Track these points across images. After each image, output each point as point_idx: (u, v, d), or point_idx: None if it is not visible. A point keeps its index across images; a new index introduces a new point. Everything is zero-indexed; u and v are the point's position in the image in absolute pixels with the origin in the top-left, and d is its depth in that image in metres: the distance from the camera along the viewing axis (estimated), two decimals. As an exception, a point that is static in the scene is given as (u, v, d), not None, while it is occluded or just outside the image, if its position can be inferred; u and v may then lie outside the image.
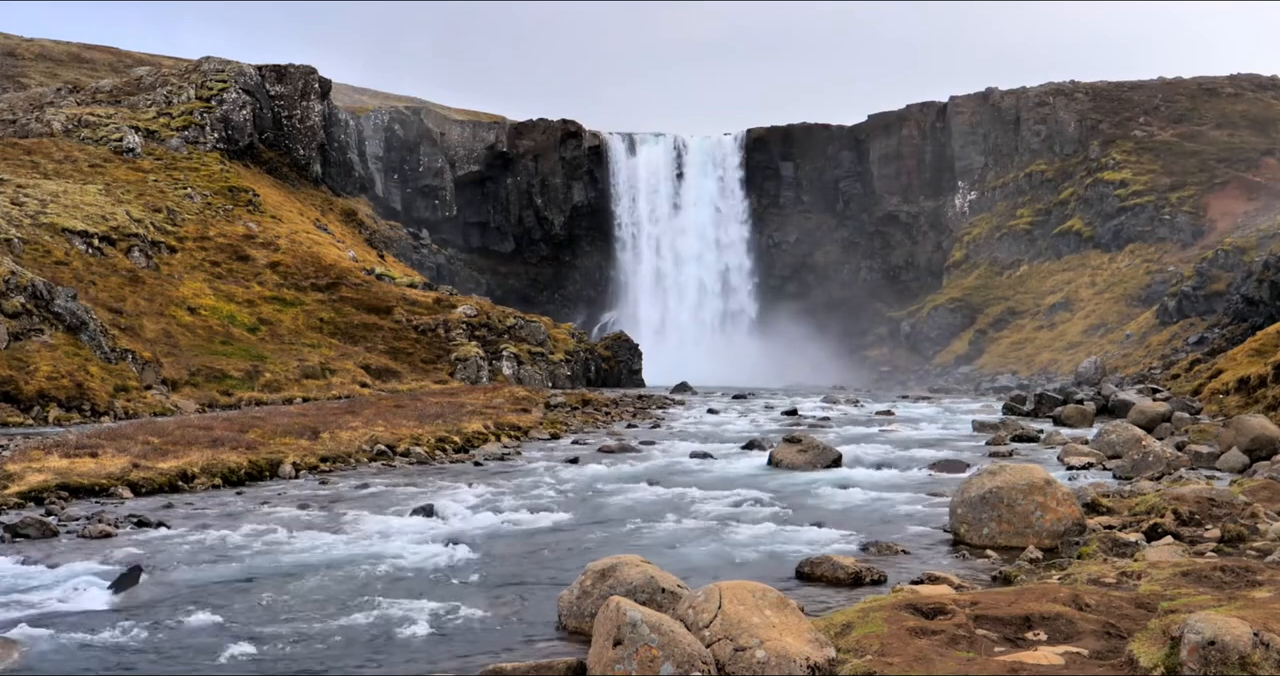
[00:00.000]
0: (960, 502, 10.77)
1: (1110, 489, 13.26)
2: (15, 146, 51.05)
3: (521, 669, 6.16)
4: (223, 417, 23.16)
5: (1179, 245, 65.26)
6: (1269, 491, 11.96)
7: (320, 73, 69.46)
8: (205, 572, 9.26)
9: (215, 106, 61.79)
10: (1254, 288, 46.54)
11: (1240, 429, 17.15)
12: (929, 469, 17.08)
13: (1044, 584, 7.70)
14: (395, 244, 70.65)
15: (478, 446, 21.21)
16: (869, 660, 5.73)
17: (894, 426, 27.32)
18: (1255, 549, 9.16)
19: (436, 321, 47.47)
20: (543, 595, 8.48)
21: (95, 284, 37.38)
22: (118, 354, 30.51)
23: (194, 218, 50.28)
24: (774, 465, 17.79)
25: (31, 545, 10.35)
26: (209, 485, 14.82)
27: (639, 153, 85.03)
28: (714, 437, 23.86)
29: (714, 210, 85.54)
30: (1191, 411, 26.70)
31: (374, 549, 10.28)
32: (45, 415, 25.48)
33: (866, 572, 8.88)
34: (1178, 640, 5.28)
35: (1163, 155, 71.90)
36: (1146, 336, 56.05)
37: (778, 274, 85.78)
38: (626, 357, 56.58)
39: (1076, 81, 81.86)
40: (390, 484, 15.34)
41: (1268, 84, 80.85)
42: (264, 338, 41.40)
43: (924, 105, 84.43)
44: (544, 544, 10.86)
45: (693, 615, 6.17)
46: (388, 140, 77.03)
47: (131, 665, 6.67)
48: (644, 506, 13.29)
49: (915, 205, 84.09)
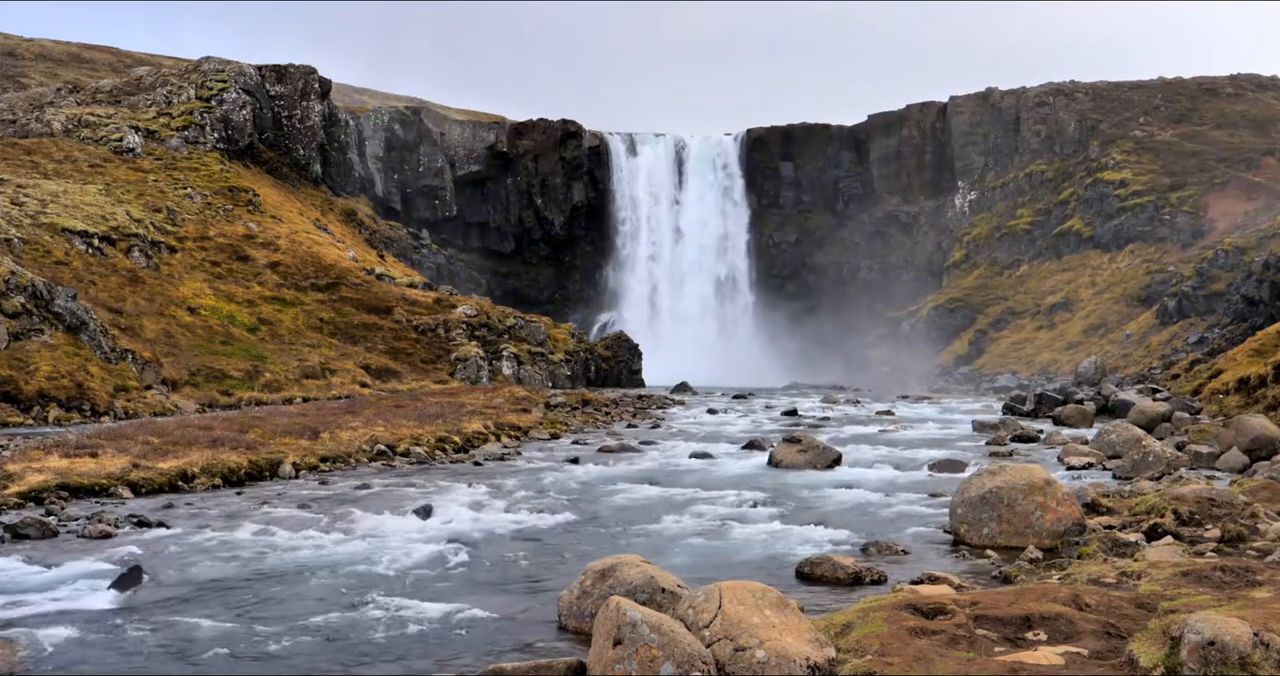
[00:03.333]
0: (960, 502, 10.77)
1: (1110, 489, 13.26)
2: (15, 146, 51.04)
3: (521, 669, 6.16)
4: (223, 417, 23.15)
5: (1179, 245, 65.23)
6: (1269, 491, 11.96)
7: (320, 73, 69.44)
8: (205, 572, 9.26)
9: (215, 106, 61.78)
10: (1254, 288, 46.55)
11: (1240, 429, 17.15)
12: (929, 469, 17.09)
13: (1044, 584, 7.70)
14: (395, 244, 70.60)
15: (478, 446, 21.21)
16: (869, 660, 5.73)
17: (894, 426, 27.31)
18: (1255, 549, 9.16)
19: (436, 321, 47.46)
20: (543, 595, 8.49)
21: (95, 284, 37.38)
22: (118, 354, 30.50)
23: (194, 218, 50.28)
24: (774, 465, 17.79)
25: (31, 545, 10.34)
26: (209, 485, 14.82)
27: (639, 153, 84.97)
28: (714, 437, 23.86)
29: (714, 210, 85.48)
30: (1191, 411, 26.70)
31: (374, 549, 10.28)
32: (45, 415, 25.48)
33: (866, 573, 8.88)
34: (1178, 640, 5.28)
35: (1163, 155, 71.88)
36: (1146, 336, 56.03)
37: (778, 274, 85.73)
38: (626, 358, 56.55)
39: (1076, 81, 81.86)
40: (390, 484, 15.34)
41: (1268, 84, 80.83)
42: (264, 338, 41.39)
43: (924, 105, 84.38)
44: (544, 544, 10.86)
45: (693, 615, 6.17)
46: (388, 140, 76.97)
47: (131, 665, 6.66)
48: (644, 506, 13.29)
49: (915, 205, 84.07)
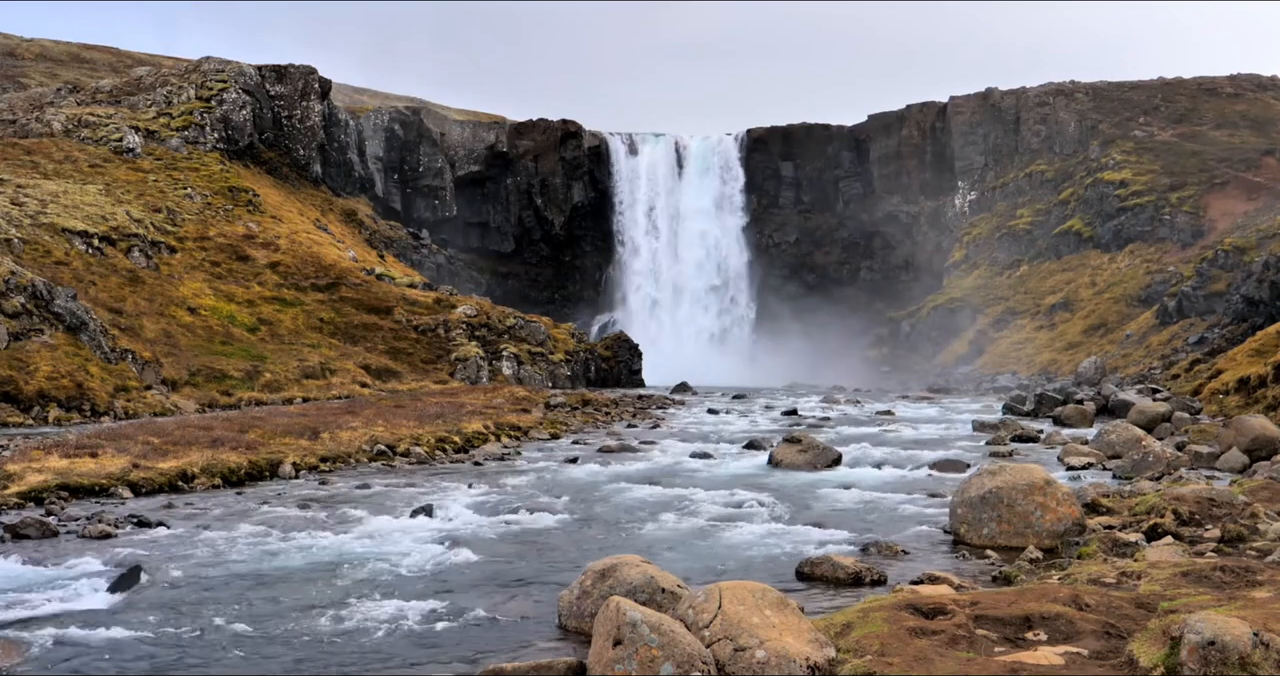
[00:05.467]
0: (960, 502, 10.77)
1: (1110, 489, 13.26)
2: (15, 146, 51.02)
3: (521, 669, 6.16)
4: (223, 417, 23.15)
5: (1179, 245, 65.20)
6: (1269, 491, 11.96)
7: (320, 73, 69.37)
8: (205, 572, 9.25)
9: (215, 106, 61.75)
10: (1254, 288, 46.54)
11: (1240, 429, 17.15)
12: (929, 469, 17.08)
13: (1044, 584, 7.70)
14: (395, 244, 70.60)
15: (478, 446, 21.21)
16: (869, 660, 5.73)
17: (894, 426, 27.31)
18: (1255, 549, 9.16)
19: (436, 321, 47.46)
20: (543, 595, 8.49)
21: (95, 284, 37.36)
22: (118, 354, 30.50)
23: (194, 218, 50.27)
24: (774, 465, 17.79)
25: (31, 545, 10.34)
26: (209, 485, 14.81)
27: (639, 153, 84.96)
28: (714, 437, 23.85)
29: (714, 210, 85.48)
30: (1191, 411, 26.71)
31: (374, 549, 10.28)
32: (45, 415, 25.47)
33: (866, 572, 8.88)
34: (1178, 640, 5.28)
35: (1163, 155, 71.85)
36: (1146, 336, 56.01)
37: (777, 274, 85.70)
38: (626, 358, 56.53)
39: (1076, 81, 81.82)
40: (390, 484, 15.34)
41: (1268, 84, 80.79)
42: (264, 338, 41.39)
43: (924, 105, 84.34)
44: (544, 544, 10.86)
45: (693, 615, 6.17)
46: (388, 140, 76.96)
47: (131, 665, 6.66)
48: (644, 506, 13.29)
49: (915, 205, 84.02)
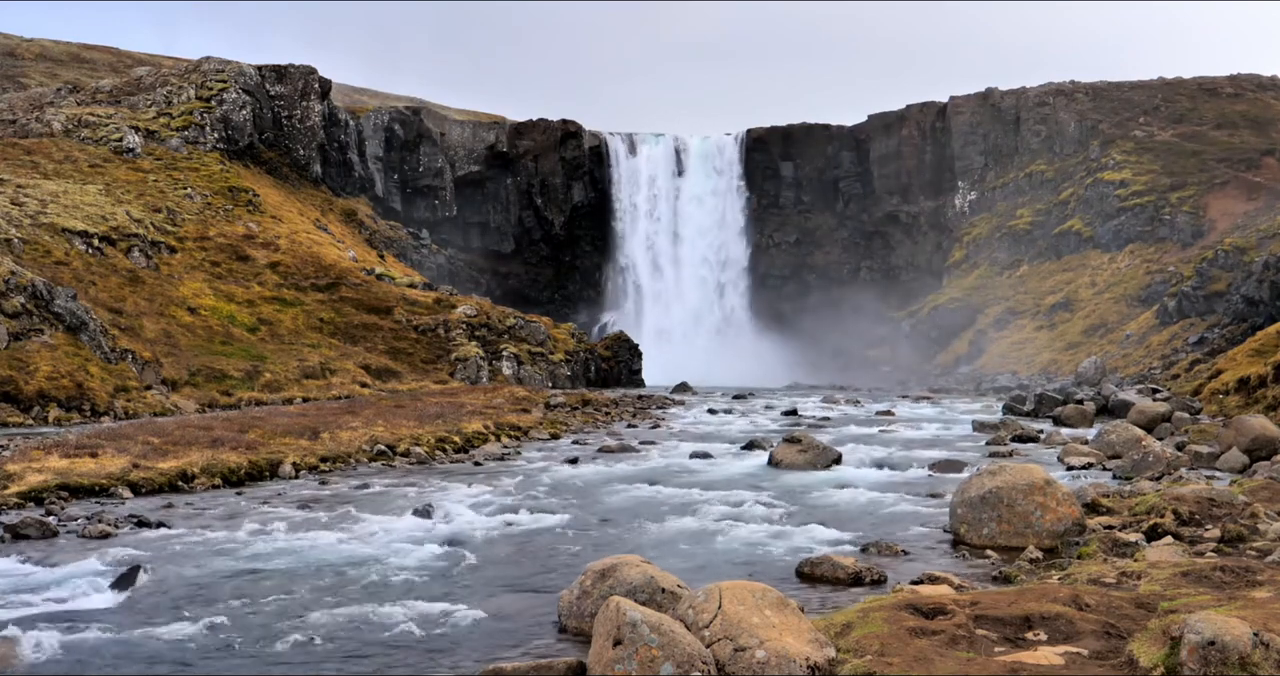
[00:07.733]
0: (960, 503, 10.77)
1: (1110, 489, 13.26)
2: (15, 146, 51.02)
3: (521, 669, 6.16)
4: (223, 418, 23.15)
5: (1179, 245, 65.20)
6: (1269, 491, 11.96)
7: (320, 73, 69.41)
8: (205, 572, 9.26)
9: (215, 106, 61.76)
10: (1254, 288, 46.55)
11: (1240, 429, 17.14)
12: (929, 469, 17.08)
13: (1044, 584, 7.70)
14: (395, 244, 70.62)
15: (477, 446, 21.21)
16: (869, 660, 5.73)
17: (894, 426, 27.30)
18: (1255, 549, 9.16)
19: (436, 321, 47.46)
20: (543, 595, 8.49)
21: (95, 284, 37.36)
22: (118, 354, 30.50)
23: (194, 218, 50.27)
24: (774, 465, 17.79)
25: (31, 545, 10.35)
26: (209, 485, 14.81)
27: (639, 153, 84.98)
28: (714, 438, 23.85)
29: (714, 210, 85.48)
30: (1191, 411, 26.71)
31: (374, 549, 10.28)
32: (45, 415, 25.47)
33: (866, 572, 8.88)
34: (1178, 640, 5.28)
35: (1163, 155, 71.85)
36: (1146, 336, 56.01)
37: (778, 274, 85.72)
38: (626, 358, 56.52)
39: (1076, 81, 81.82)
40: (390, 484, 15.34)
41: (1268, 84, 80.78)
42: (264, 338, 41.39)
43: (924, 105, 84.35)
44: (544, 544, 10.86)
45: (693, 615, 6.17)
46: (388, 140, 76.94)
47: (131, 665, 6.66)
48: (644, 506, 13.29)
49: (915, 205, 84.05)
